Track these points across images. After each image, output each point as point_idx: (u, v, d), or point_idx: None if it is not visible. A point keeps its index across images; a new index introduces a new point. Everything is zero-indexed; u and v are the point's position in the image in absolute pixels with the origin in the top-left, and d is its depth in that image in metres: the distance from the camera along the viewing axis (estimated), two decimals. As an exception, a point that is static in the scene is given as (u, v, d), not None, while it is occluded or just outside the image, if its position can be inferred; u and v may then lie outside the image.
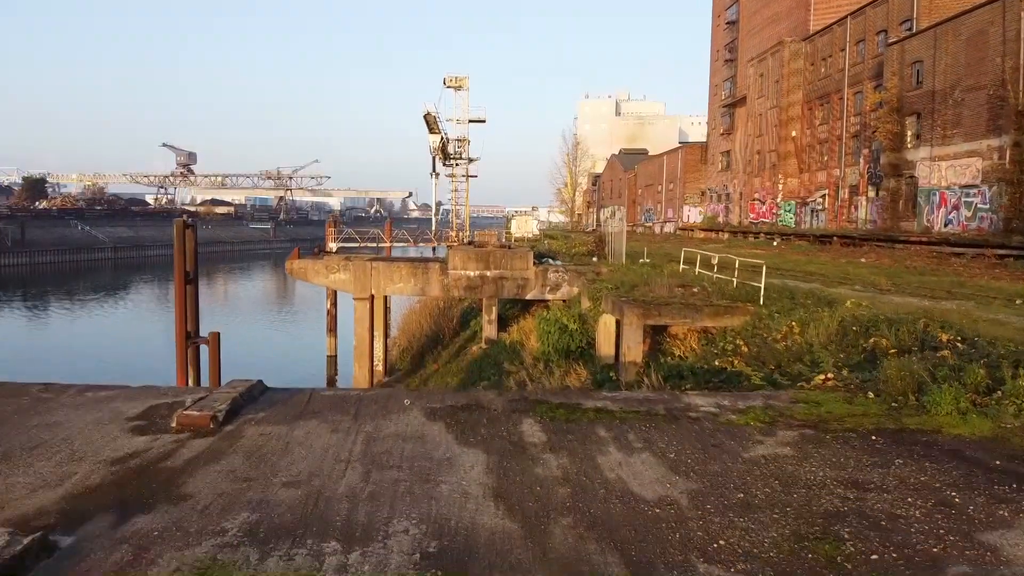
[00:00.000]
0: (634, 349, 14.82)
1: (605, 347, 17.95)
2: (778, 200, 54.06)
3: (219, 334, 26.15)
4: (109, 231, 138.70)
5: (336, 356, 41.75)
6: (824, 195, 49.16)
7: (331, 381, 40.03)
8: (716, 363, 13.03)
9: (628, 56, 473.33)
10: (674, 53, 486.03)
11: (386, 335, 34.00)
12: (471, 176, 62.52)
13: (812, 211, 50.72)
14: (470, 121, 61.55)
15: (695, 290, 16.11)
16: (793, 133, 53.25)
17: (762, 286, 15.27)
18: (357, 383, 29.73)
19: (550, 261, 31.38)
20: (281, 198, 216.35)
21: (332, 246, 47.28)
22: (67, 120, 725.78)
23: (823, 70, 50.62)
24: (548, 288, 29.47)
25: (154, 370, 34.51)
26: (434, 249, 55.87)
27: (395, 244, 52.90)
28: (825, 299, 14.42)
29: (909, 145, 38.85)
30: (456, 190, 60.82)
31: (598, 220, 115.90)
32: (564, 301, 29.49)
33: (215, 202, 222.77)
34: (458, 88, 60.79)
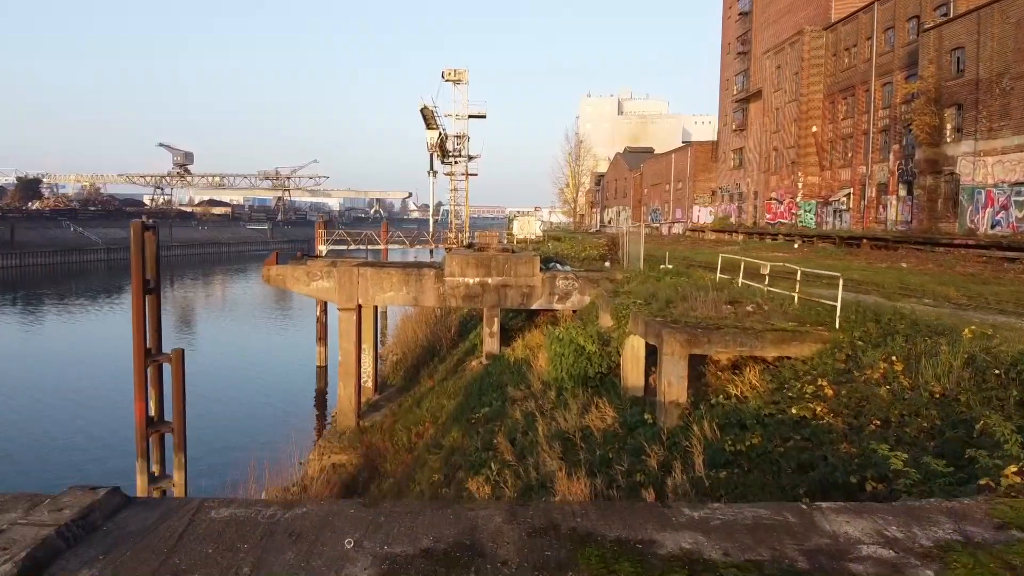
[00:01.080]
0: (676, 386, 11.62)
1: (632, 376, 14.75)
2: (798, 199, 50.84)
3: (183, 351, 22.97)
4: (102, 232, 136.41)
5: (326, 367, 38.78)
6: (848, 194, 45.95)
7: (320, 395, 37.01)
8: (793, 411, 9.83)
9: (630, 55, 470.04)
10: (677, 52, 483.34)
11: (376, 348, 30.81)
12: (471, 174, 59.37)
13: (835, 211, 47.50)
14: (470, 116, 58.44)
15: (749, 308, 12.92)
16: (814, 128, 50.04)
17: (838, 305, 12.05)
18: (342, 404, 26.54)
19: (558, 267, 28.22)
20: (280, 198, 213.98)
21: (322, 248, 44.14)
22: (68, 121, 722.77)
23: (847, 60, 47.42)
24: (556, 297, 26.28)
25: (115, 390, 31.40)
26: (432, 251, 52.75)
27: (390, 246, 49.72)
28: (928, 325, 11.19)
29: (949, 139, 35.64)
30: (455, 189, 57.65)
31: (602, 220, 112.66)
32: (574, 311, 26.31)
33: (212, 202, 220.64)
34: (457, 82, 57.66)
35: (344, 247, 47.13)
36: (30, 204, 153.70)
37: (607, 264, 29.14)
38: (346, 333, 26.30)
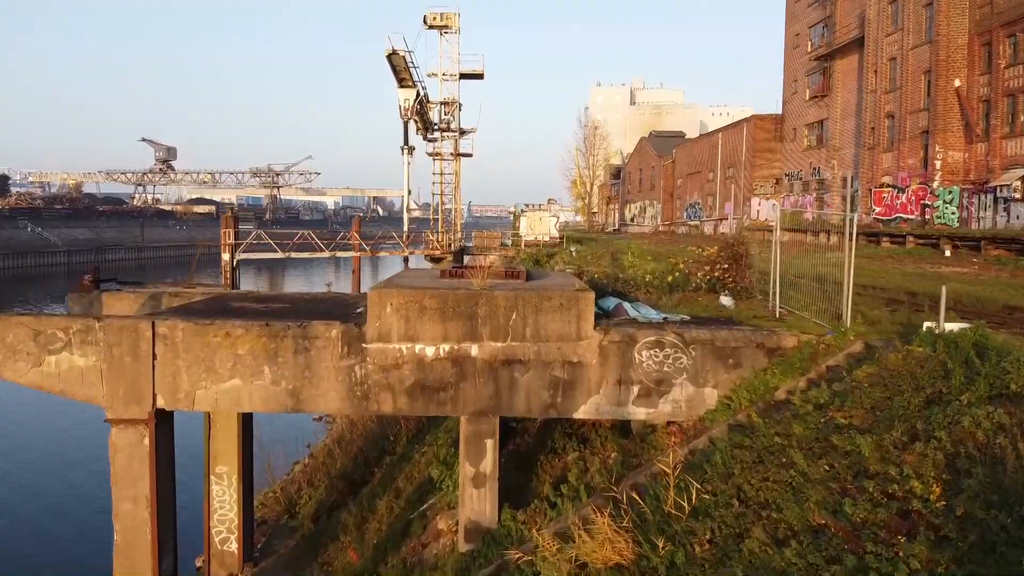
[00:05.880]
0: None
1: None
2: (933, 185, 35.33)
3: None
4: (64, 232, 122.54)
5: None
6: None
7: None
8: None
9: (641, 46, 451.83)
10: (687, 44, 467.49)
11: (248, 469, 15.21)
12: (463, 154, 43.92)
13: (997, 201, 32.03)
14: (461, 76, 43.01)
15: None
16: (957, 82, 34.63)
17: None
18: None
19: (625, 308, 12.84)
20: (274, 197, 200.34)
21: (227, 258, 28.81)
22: (68, 120, 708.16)
23: (1014, -21, 32.00)
24: (636, 390, 10.95)
25: None
26: (406, 259, 37.46)
27: (344, 255, 34.43)
28: None
29: None
30: (442, 173, 42.22)
31: (622, 218, 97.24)
32: (675, 424, 11.02)
33: (196, 201, 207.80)
34: (444, 29, 42.26)
35: (276, 255, 31.88)
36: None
37: (726, 301, 13.75)
38: (124, 476, 10.97)
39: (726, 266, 14.31)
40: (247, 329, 10.81)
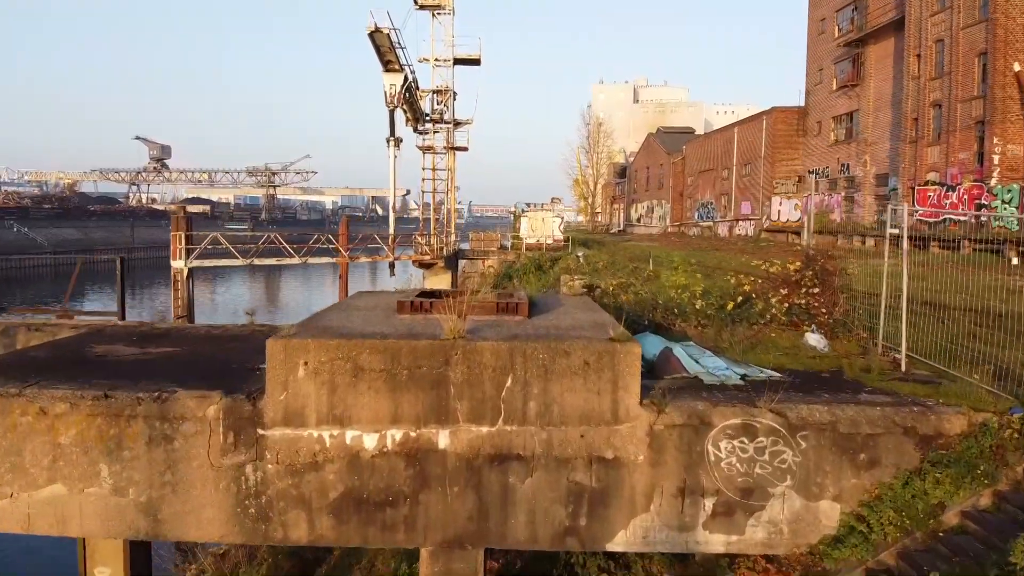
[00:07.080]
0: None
1: None
2: (991, 183, 31.15)
3: None
4: (52, 233, 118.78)
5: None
6: (1107, 170, 26.35)
7: None
8: None
9: (644, 43, 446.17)
10: (692, 41, 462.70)
11: None
12: (458, 148, 39.73)
13: (1069, 201, 27.88)
14: (456, 62, 38.85)
15: None
16: (1016, 66, 30.48)
17: None
18: None
19: (675, 353, 8.72)
20: (272, 196, 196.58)
21: (179, 265, 24.68)
22: (68, 121, 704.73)
23: (1088, -55, 27.83)
24: (711, 503, 6.61)
25: None
26: (392, 266, 33.29)
27: (321, 260, 30.33)
28: None
29: None
30: (434, 168, 38.04)
31: (628, 218, 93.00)
32: (767, 555, 6.75)
33: (190, 201, 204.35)
34: (437, 9, 38.10)
35: (236, 261, 27.80)
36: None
37: (815, 341, 9.61)
38: None
39: (816, 290, 10.10)
40: (74, 404, 6.63)
